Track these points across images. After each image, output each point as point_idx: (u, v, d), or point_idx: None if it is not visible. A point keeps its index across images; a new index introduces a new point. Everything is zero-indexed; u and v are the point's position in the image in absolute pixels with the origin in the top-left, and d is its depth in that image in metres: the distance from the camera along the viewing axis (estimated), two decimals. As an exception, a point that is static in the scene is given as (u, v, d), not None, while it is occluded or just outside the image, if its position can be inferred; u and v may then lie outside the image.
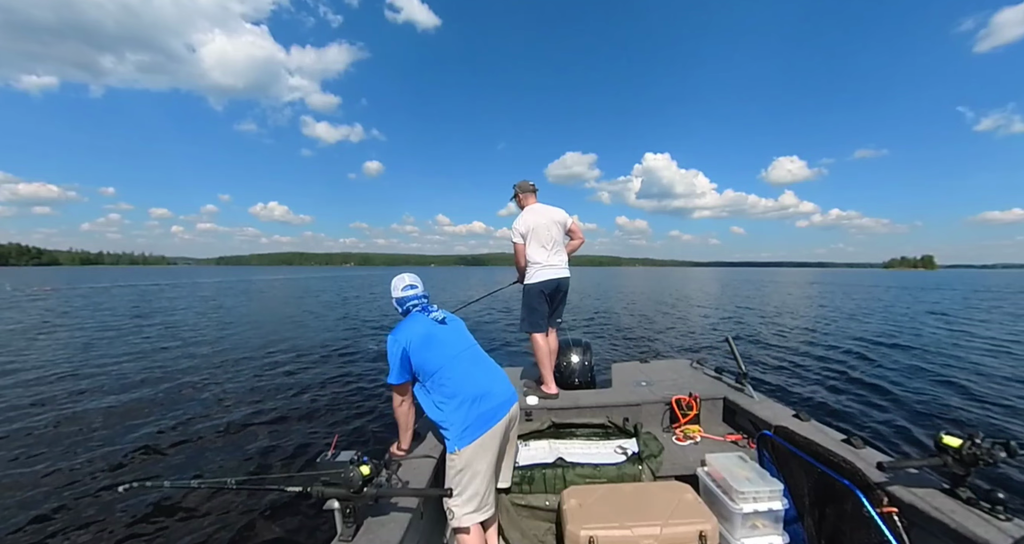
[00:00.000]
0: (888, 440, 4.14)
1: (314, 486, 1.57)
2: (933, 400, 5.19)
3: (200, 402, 5.58)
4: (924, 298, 17.63)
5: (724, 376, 3.34)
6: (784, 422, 2.32)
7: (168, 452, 4.12)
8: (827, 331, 10.82)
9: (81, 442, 4.33)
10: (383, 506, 1.73)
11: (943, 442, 1.56)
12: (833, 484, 1.67)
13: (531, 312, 3.07)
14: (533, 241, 3.05)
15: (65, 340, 9.98)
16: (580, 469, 2.23)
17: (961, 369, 6.72)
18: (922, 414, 4.75)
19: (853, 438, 2.04)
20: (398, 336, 1.91)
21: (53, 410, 5.25)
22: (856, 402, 5.21)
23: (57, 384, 6.40)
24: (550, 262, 3.05)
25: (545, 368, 3.07)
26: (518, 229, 3.05)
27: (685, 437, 2.71)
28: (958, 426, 4.46)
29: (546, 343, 3.09)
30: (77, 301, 20.48)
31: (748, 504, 1.83)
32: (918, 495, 1.57)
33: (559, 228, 3.09)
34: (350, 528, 1.57)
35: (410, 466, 2.07)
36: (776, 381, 6.27)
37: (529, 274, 3.07)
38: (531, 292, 3.07)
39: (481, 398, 1.87)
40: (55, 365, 7.54)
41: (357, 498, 1.55)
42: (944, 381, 6.03)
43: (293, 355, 8.44)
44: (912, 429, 4.35)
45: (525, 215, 3.07)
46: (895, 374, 6.47)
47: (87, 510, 3.14)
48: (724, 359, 7.72)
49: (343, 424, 4.74)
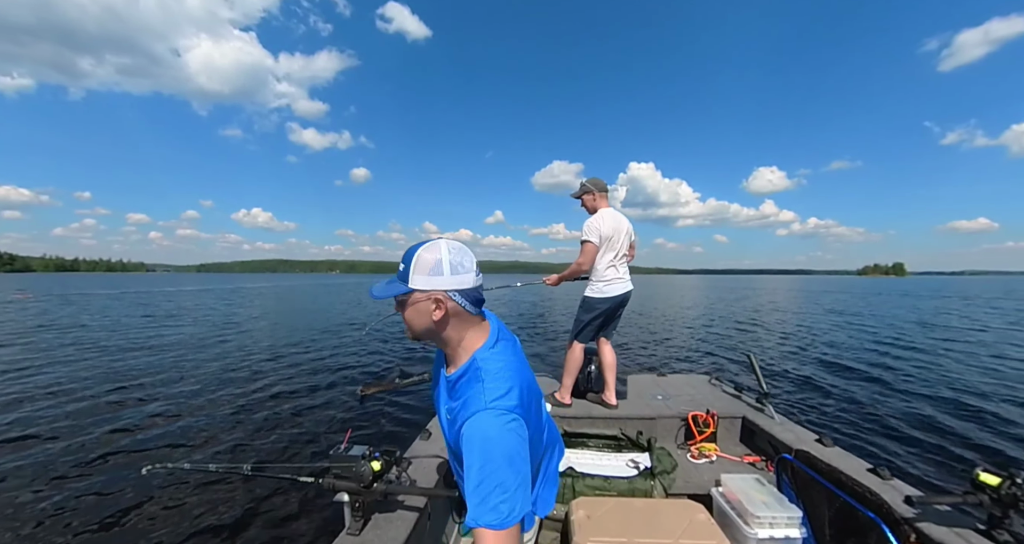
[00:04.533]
0: (917, 473, 3.92)
1: (325, 478, 1.59)
2: (970, 432, 4.88)
3: (221, 394, 5.79)
4: (949, 307, 16.58)
5: (744, 394, 3.24)
6: (806, 446, 2.23)
7: (191, 437, 4.28)
8: (847, 347, 10.35)
9: (108, 429, 4.55)
10: (391, 503, 1.74)
11: (980, 479, 1.47)
12: (857, 515, 1.60)
13: (586, 324, 2.94)
14: (608, 249, 2.85)
15: (76, 340, 10.49)
16: (590, 480, 2.19)
17: (1005, 399, 6.31)
18: (957, 447, 4.48)
19: (880, 468, 1.94)
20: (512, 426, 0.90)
21: (83, 401, 5.53)
22: (883, 428, 4.95)
23: (86, 377, 6.74)
24: (619, 275, 2.91)
25: (570, 378, 3.01)
26: (597, 230, 2.79)
27: (700, 455, 2.63)
28: (997, 463, 4.19)
29: (583, 356, 3.01)
30: (71, 306, 20.43)
31: (764, 529, 1.77)
32: (950, 535, 1.48)
33: (628, 240, 2.94)
34: (358, 522, 1.58)
35: (420, 465, 2.08)
36: (794, 400, 6.03)
37: (598, 287, 2.89)
38: (594, 304, 2.90)
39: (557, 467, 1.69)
40: (78, 361, 7.94)
41: (367, 493, 1.56)
42: (983, 411, 5.68)
43: (310, 354, 8.68)
44: (945, 462, 4.10)
45: (606, 218, 2.83)
46: (927, 399, 6.13)
47: (110, 488, 3.30)
48: (737, 372, 7.49)
49: (357, 419, 4.81)
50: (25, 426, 4.48)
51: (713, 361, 8.74)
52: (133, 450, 3.98)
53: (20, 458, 3.75)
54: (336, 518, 1.68)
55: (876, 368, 8.15)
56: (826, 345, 10.70)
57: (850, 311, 20.35)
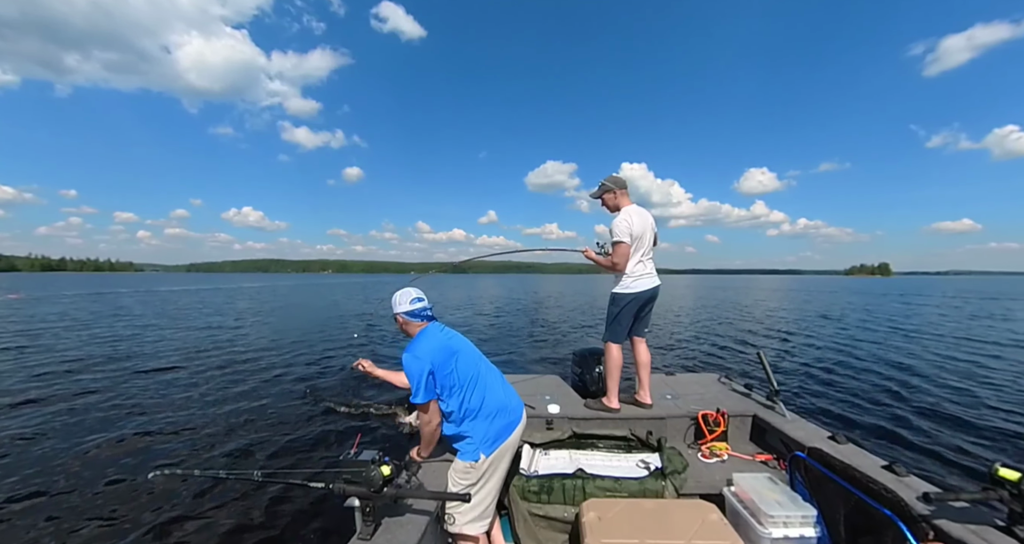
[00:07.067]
0: (934, 468, 3.85)
1: (336, 483, 1.60)
2: (986, 426, 4.80)
3: (229, 400, 5.83)
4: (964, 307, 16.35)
5: (754, 392, 3.21)
6: (819, 444, 2.21)
7: (197, 444, 4.31)
8: (855, 344, 10.25)
9: (115, 431, 4.60)
10: (402, 507, 1.74)
11: (999, 475, 1.44)
12: (872, 513, 1.57)
13: (618, 322, 2.93)
14: (636, 247, 2.83)
15: (78, 340, 10.59)
16: (600, 481, 2.18)
17: (1021, 392, 6.19)
18: (974, 442, 4.40)
19: (895, 465, 1.91)
20: (418, 354, 1.87)
21: (90, 401, 5.59)
22: (897, 424, 4.88)
23: (93, 378, 6.82)
24: (647, 271, 2.91)
25: (613, 381, 2.94)
26: (628, 229, 2.77)
27: (711, 454, 2.61)
28: (1017, 457, 4.11)
29: (621, 354, 2.97)
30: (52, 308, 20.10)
31: (778, 529, 1.75)
32: (969, 531, 1.45)
33: (652, 234, 2.93)
34: (369, 527, 1.59)
35: (429, 469, 2.08)
36: (806, 397, 5.96)
37: (625, 283, 2.88)
38: (624, 301, 2.89)
39: (500, 412, 1.92)
40: (84, 361, 8.03)
41: (377, 497, 1.57)
42: (998, 406, 5.58)
43: (319, 357, 8.72)
44: (962, 458, 4.03)
45: (632, 216, 2.81)
46: (942, 394, 6.03)
47: (116, 495, 3.31)
48: (746, 371, 7.41)
49: (366, 424, 4.83)
50: (25, 427, 4.54)
51: (720, 360, 8.67)
52: (139, 455, 3.99)
53: (21, 461, 3.78)
54: (347, 523, 1.69)
55: (887, 364, 8.05)
56: (834, 342, 10.60)
57: (850, 309, 20.34)
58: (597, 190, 3.05)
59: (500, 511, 2.21)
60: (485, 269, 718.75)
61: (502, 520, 2.29)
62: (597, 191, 3.05)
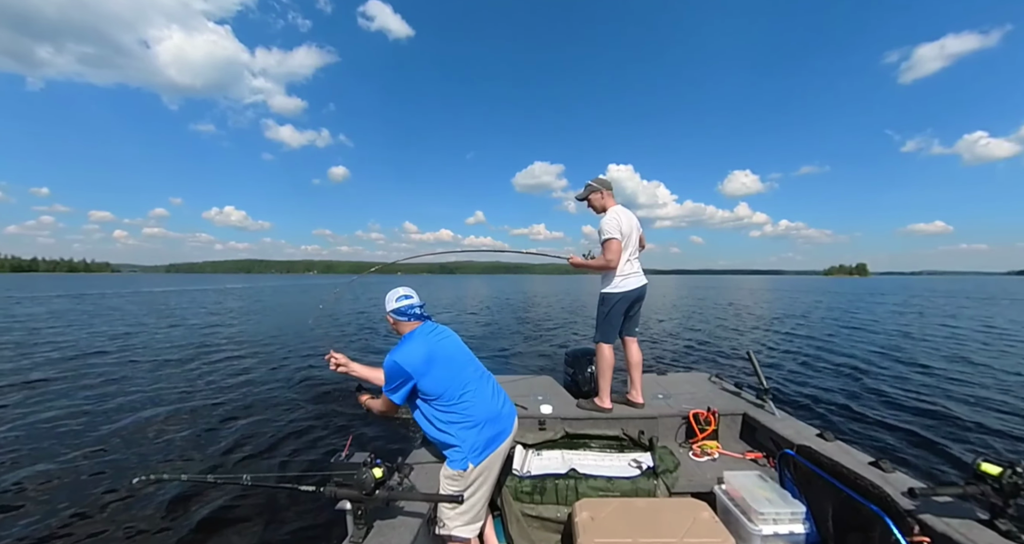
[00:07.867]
0: (919, 465, 3.93)
1: (327, 486, 1.58)
2: (970, 423, 4.91)
3: (217, 402, 5.73)
4: (943, 307, 16.77)
5: (744, 391, 3.25)
6: (807, 441, 2.24)
7: (184, 447, 4.23)
8: (845, 342, 10.45)
9: (99, 436, 4.49)
10: (394, 510, 1.73)
11: (982, 469, 1.48)
12: (859, 509, 1.60)
13: (608, 322, 2.94)
14: (624, 246, 2.86)
15: (64, 344, 10.37)
16: (593, 481, 2.19)
17: (1004, 389, 6.35)
18: (957, 438, 4.50)
19: (882, 461, 1.95)
20: (400, 359, 1.79)
21: (74, 405, 5.47)
22: (884, 421, 4.97)
23: (79, 381, 6.67)
24: (634, 269, 2.94)
25: (605, 381, 2.95)
26: (617, 226, 2.81)
27: (702, 453, 2.63)
28: (998, 453, 4.20)
29: (613, 354, 2.97)
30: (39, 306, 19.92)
31: (768, 526, 1.77)
32: (953, 526, 1.49)
33: (638, 234, 2.99)
34: (361, 530, 1.57)
35: (422, 471, 2.07)
36: (795, 396, 6.05)
37: (614, 283, 2.90)
38: (614, 301, 2.90)
39: (489, 422, 1.85)
40: (75, 367, 7.85)
41: (369, 500, 1.55)
42: (982, 402, 5.71)
43: (308, 356, 8.61)
44: (946, 454, 4.12)
45: (620, 215, 2.86)
46: (926, 392, 6.16)
47: (99, 502, 3.22)
48: (737, 370, 7.50)
49: (358, 426, 4.78)
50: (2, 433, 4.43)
51: (711, 359, 8.75)
52: (121, 460, 3.89)
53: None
54: (338, 526, 1.67)
55: (872, 363, 8.19)
56: (822, 342, 10.75)
57: (831, 309, 20.68)
58: (583, 191, 3.08)
59: (493, 512, 2.20)
60: (475, 270, 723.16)
61: (495, 521, 2.28)
62: (583, 192, 3.08)
